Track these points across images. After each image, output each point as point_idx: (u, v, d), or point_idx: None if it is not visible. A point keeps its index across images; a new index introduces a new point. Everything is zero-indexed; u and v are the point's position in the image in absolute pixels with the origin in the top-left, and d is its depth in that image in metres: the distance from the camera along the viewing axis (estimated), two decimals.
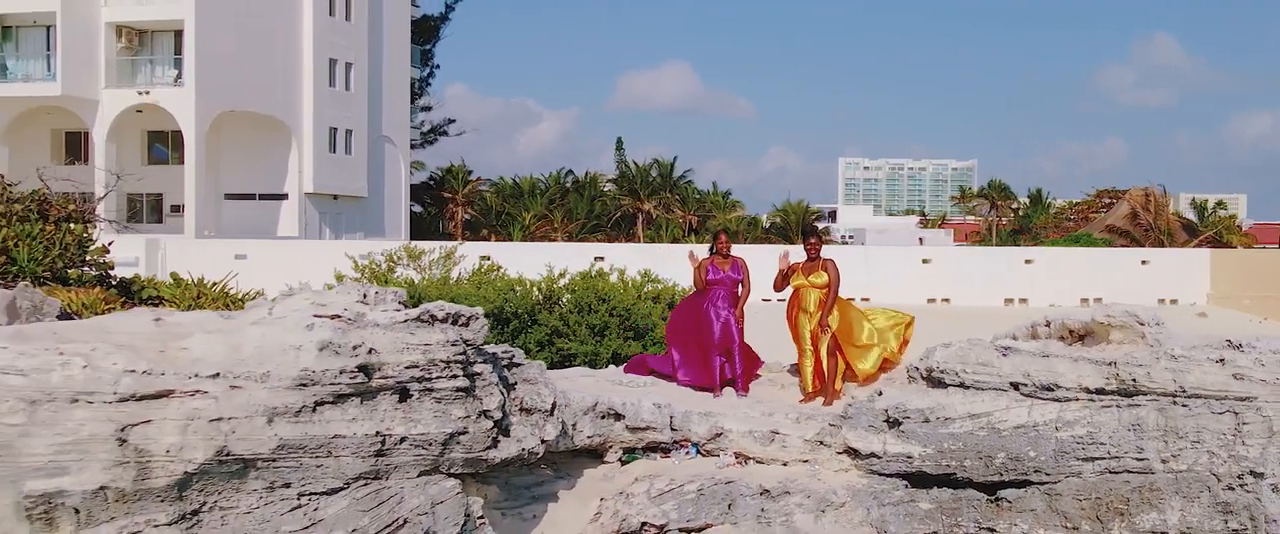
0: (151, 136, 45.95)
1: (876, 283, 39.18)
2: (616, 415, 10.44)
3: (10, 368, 7.87)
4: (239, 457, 7.99)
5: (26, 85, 41.88)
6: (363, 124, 49.08)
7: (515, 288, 19.13)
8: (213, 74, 41.97)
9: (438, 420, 8.53)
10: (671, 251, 41.09)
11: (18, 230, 18.08)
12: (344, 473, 8.29)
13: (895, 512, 9.86)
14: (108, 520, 7.83)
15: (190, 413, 7.93)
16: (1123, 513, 9.67)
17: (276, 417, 8.06)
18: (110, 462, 7.77)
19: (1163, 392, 9.76)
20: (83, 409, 7.83)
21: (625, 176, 77.26)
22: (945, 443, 9.95)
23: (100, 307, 15.89)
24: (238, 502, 8.11)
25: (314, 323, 8.44)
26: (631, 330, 18.16)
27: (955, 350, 10.35)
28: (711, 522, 9.75)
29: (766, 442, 10.42)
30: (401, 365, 8.44)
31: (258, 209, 45.73)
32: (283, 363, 8.19)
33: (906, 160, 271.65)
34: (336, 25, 47.18)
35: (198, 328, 8.75)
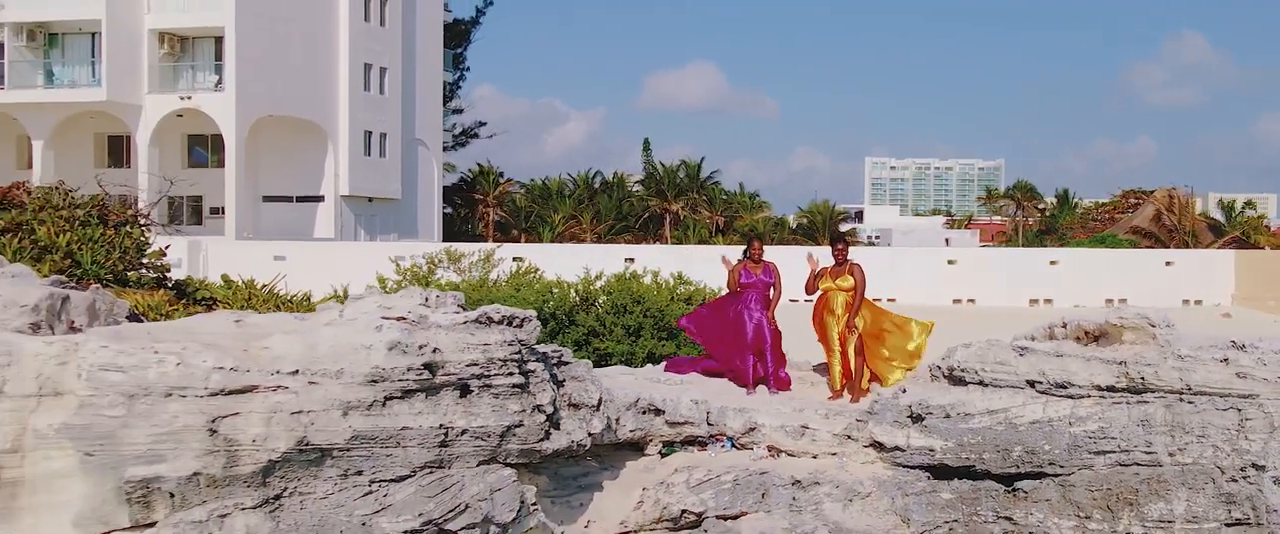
0: (191, 140, 47.04)
1: (902, 284, 39.76)
2: (657, 411, 11.16)
3: (111, 365, 8.68)
4: (316, 446, 8.76)
5: (72, 91, 43.05)
6: (397, 127, 50.04)
7: (553, 290, 19.85)
8: (252, 79, 43.00)
9: (496, 414, 9.28)
10: (699, 253, 41.81)
11: (80, 235, 19.01)
12: (411, 462, 9.04)
13: (918, 501, 10.54)
14: (199, 504, 8.62)
15: (273, 406, 8.71)
16: (1132, 503, 10.31)
17: (350, 410, 8.83)
18: (202, 450, 8.56)
19: (1170, 389, 10.41)
20: (177, 402, 8.62)
21: (653, 177, 77.98)
22: (965, 437, 10.62)
23: (165, 308, 16.77)
24: (315, 487, 8.88)
25: (382, 324, 9.21)
26: (665, 330, 18.82)
27: (975, 350, 11.03)
28: (746, 510, 10.44)
29: (797, 436, 11.12)
30: (463, 363, 9.20)
31: (295, 211, 46.74)
32: (355, 361, 8.96)
33: (933, 160, 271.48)
34: (371, 30, 48.14)
35: (276, 329, 9.55)
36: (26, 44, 43.03)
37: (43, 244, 18.27)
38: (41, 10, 42.50)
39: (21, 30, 42.78)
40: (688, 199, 73.26)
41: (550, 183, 74.97)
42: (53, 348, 9.00)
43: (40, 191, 20.46)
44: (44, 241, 18.33)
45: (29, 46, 43.14)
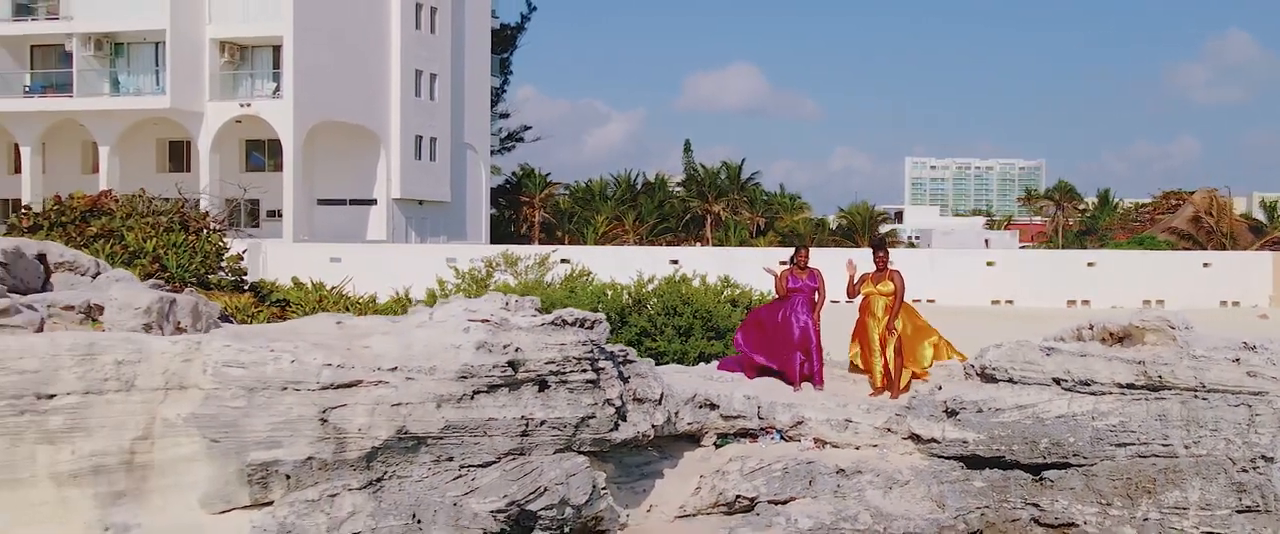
0: (249, 145, 48.59)
1: (941, 285, 40.57)
2: (712, 405, 12.19)
3: (233, 362, 9.83)
4: (413, 435, 9.87)
5: (137, 98, 44.69)
6: (446, 132, 51.37)
7: (606, 292, 20.89)
8: (309, 87, 44.43)
9: (571, 407, 10.35)
10: (743, 254, 42.77)
11: (165, 240, 20.32)
12: (496, 449, 10.12)
13: (952, 488, 11.51)
14: (312, 485, 9.75)
15: (376, 399, 9.83)
16: (1150, 491, 11.22)
17: (443, 403, 9.93)
18: (314, 437, 9.69)
19: (1185, 386, 11.31)
20: (292, 395, 9.76)
21: (694, 179, 78.94)
22: (996, 430, 11.58)
23: (250, 310, 18.04)
24: (412, 471, 9.98)
25: (469, 326, 10.31)
26: (713, 331, 19.79)
27: (1005, 350, 11.99)
28: (795, 495, 11.44)
29: (841, 429, 12.12)
30: (541, 361, 10.28)
31: (348, 214, 48.16)
32: (446, 359, 10.06)
33: (973, 160, 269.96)
34: (422, 38, 49.49)
35: (374, 330, 10.69)
36: (94, 53, 44.70)
37: (132, 249, 19.61)
38: (109, 21, 44.15)
39: (89, 40, 44.45)
40: (728, 200, 74.17)
41: (593, 184, 76.12)
42: (177, 346, 10.15)
43: (126, 199, 21.81)
44: (133, 247, 19.68)
45: (96, 56, 44.81)
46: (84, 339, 10.12)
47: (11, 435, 9.79)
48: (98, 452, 9.77)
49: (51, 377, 9.78)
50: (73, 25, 44.36)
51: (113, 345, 10.06)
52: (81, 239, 19.66)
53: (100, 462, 9.78)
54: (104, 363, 9.91)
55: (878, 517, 11.18)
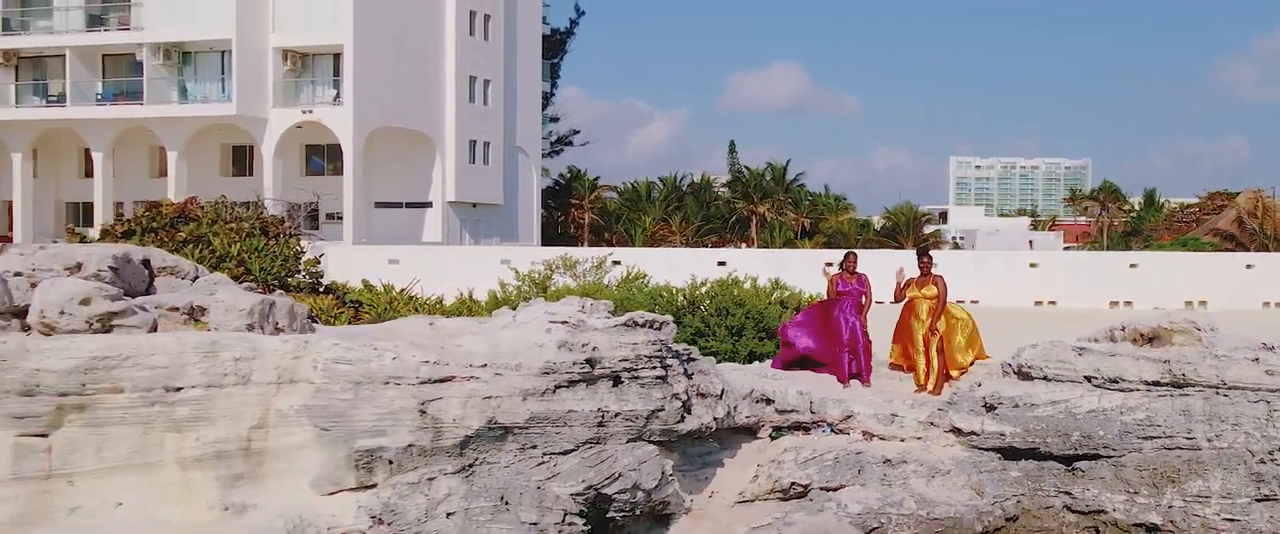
0: (309, 150, 50.11)
1: (985, 286, 41.30)
2: (768, 401, 13.22)
3: (342, 359, 10.98)
4: (502, 425, 10.97)
5: (204, 106, 46.34)
6: (499, 136, 52.69)
7: (662, 294, 21.94)
8: (368, 93, 45.87)
9: (642, 400, 11.43)
10: (787, 257, 43.68)
11: (247, 245, 21.64)
12: (575, 438, 11.21)
13: (990, 477, 12.50)
14: (412, 469, 10.88)
15: (468, 393, 10.93)
16: (1174, 481, 12.16)
17: (528, 396, 11.03)
18: (414, 427, 10.81)
19: (1207, 384, 12.24)
20: (393, 389, 10.89)
21: (739, 180, 79.80)
22: (1031, 424, 12.55)
23: (333, 311, 19.29)
24: (500, 458, 11.09)
25: (551, 327, 11.42)
26: (764, 331, 20.77)
27: (1040, 350, 12.96)
28: (845, 483, 12.46)
29: (887, 422, 13.13)
30: (616, 359, 11.36)
31: (404, 216, 49.57)
32: (531, 357, 11.16)
33: (1018, 159, 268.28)
34: (476, 45, 50.83)
35: (464, 330, 11.82)
36: (163, 62, 46.38)
37: (219, 253, 20.94)
38: (177, 31, 45.81)
39: (159, 50, 46.13)
40: (774, 201, 74.85)
41: (639, 186, 77.15)
42: (288, 344, 11.31)
43: (210, 206, 23.17)
44: (220, 251, 21.00)
45: (165, 65, 46.48)
46: (207, 338, 11.28)
47: (144, 424, 10.98)
48: (219, 439, 10.92)
49: (179, 372, 10.94)
50: (143, 35, 46.08)
51: (231, 344, 11.23)
52: (172, 244, 21.00)
53: (221, 448, 10.92)
54: (224, 359, 11.07)
55: (921, 503, 12.19)
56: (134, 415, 10.86)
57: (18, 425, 10.77)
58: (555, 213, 67.79)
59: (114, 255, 13.48)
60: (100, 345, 10.95)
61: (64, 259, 13.49)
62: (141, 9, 46.14)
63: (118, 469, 10.89)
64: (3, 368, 10.79)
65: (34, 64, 49.21)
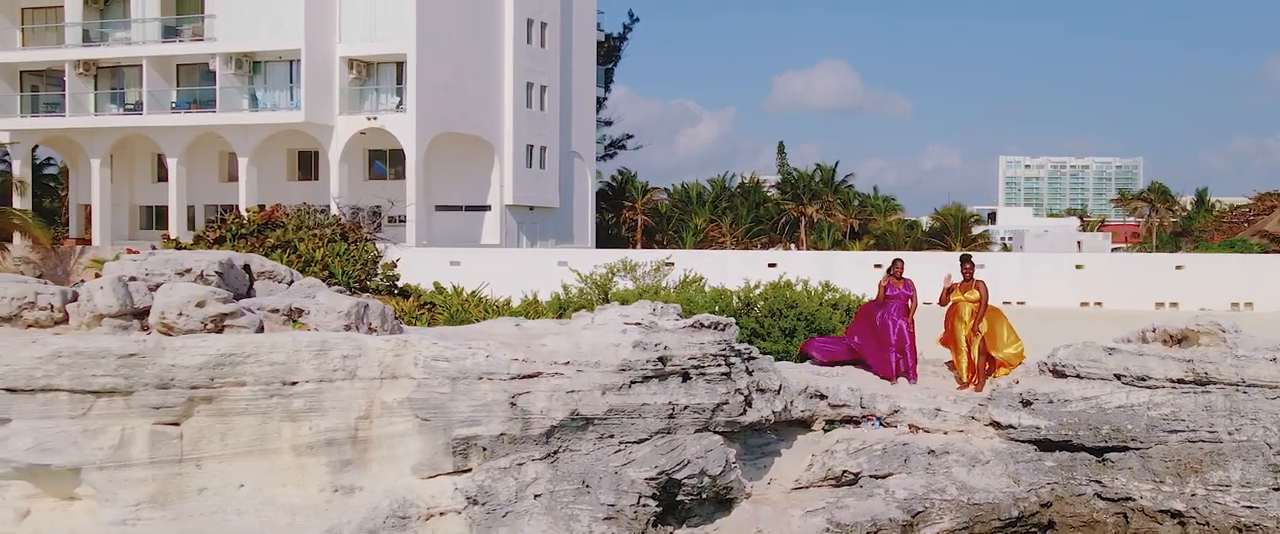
0: (372, 155, 51.72)
1: (1031, 287, 42.04)
2: (821, 396, 14.41)
3: (440, 357, 12.27)
4: (583, 416, 12.22)
5: (273, 113, 48.07)
6: (555, 141, 54.06)
7: (718, 297, 23.11)
8: (430, 100, 47.40)
9: (708, 395, 12.66)
10: (837, 259, 44.57)
11: (330, 250, 23.07)
12: (648, 428, 12.45)
13: (1027, 467, 13.62)
14: (503, 455, 12.16)
15: (553, 387, 12.20)
16: (1197, 471, 13.21)
17: (606, 390, 12.28)
18: (506, 418, 12.09)
19: (1228, 382, 13.29)
20: (486, 383, 12.17)
21: (788, 181, 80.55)
22: (1064, 418, 13.65)
23: (414, 312, 20.65)
24: (581, 446, 12.34)
25: (626, 329, 12.68)
26: (816, 331, 21.88)
27: (1073, 350, 14.06)
28: (892, 471, 13.62)
29: (932, 416, 14.28)
30: (685, 357, 12.60)
31: (464, 219, 51.03)
32: (609, 355, 12.42)
33: (1068, 158, 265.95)
34: (533, 52, 52.24)
35: (547, 331, 13.12)
36: (235, 72, 48.16)
37: (304, 258, 22.36)
38: (248, 42, 47.59)
39: (231, 60, 47.93)
40: (822, 202, 75.40)
41: (689, 188, 78.18)
42: (389, 343, 12.62)
43: (295, 213, 24.66)
44: (305, 256, 22.43)
45: (236, 74, 48.26)
46: (318, 338, 12.61)
47: (263, 414, 12.32)
48: (330, 428, 12.24)
49: (294, 368, 12.27)
50: (216, 46, 47.88)
51: (340, 343, 12.56)
52: (261, 249, 22.47)
53: (331, 436, 12.24)
54: (333, 357, 12.38)
55: (962, 489, 13.34)
56: (255, 406, 12.20)
57: (154, 415, 12.13)
58: (607, 215, 68.97)
59: (220, 261, 14.87)
60: (227, 344, 12.30)
61: (175, 265, 14.89)
62: (215, 21, 47.99)
63: (240, 454, 12.21)
64: (141, 364, 12.14)
65: (112, 74, 51.22)
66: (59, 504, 12.24)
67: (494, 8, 50.46)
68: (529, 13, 51.81)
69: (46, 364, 12.09)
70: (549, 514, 11.96)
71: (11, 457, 12.06)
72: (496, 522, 11.93)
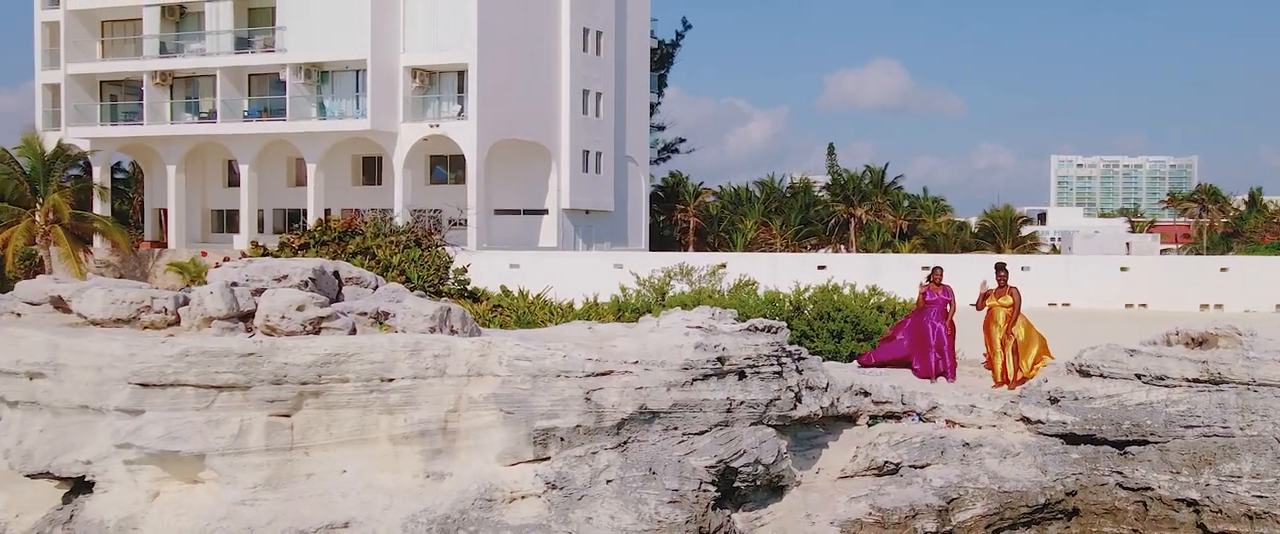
0: (433, 160, 53.56)
1: (1076, 289, 43.03)
2: (865, 393, 15.73)
3: (522, 357, 13.67)
4: (650, 410, 13.59)
5: (340, 122, 50.03)
6: (610, 146, 55.62)
7: (770, 300, 24.40)
8: (490, 108, 49.14)
9: (762, 391, 14.02)
10: (885, 262, 45.73)
11: (405, 256, 24.65)
12: (708, 421, 13.80)
13: (1054, 459, 14.86)
14: (579, 445, 13.54)
15: (624, 384, 13.58)
16: (1211, 462, 14.39)
17: (671, 387, 13.64)
18: (581, 411, 13.47)
19: (1240, 381, 14.46)
20: (564, 380, 13.57)
21: (837, 182, 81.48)
22: (1089, 414, 14.89)
23: (487, 316, 22.17)
24: (648, 437, 13.70)
25: (688, 332, 14.07)
26: (862, 333, 23.09)
27: (1097, 351, 15.30)
28: (930, 462, 14.89)
29: (967, 412, 15.56)
30: (741, 357, 13.97)
31: (522, 223, 52.74)
32: (673, 356, 13.79)
33: (1122, 157, 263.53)
34: (589, 60, 53.85)
35: (617, 334, 14.54)
36: (304, 82, 50.19)
37: (383, 263, 23.96)
38: (317, 53, 49.61)
39: (300, 70, 49.96)
40: (872, 203, 76.22)
41: (740, 190, 79.36)
42: (475, 344, 14.04)
43: (372, 220, 26.30)
44: (383, 261, 24.03)
45: (305, 84, 50.29)
46: (412, 339, 14.04)
47: (363, 408, 13.75)
48: (423, 420, 13.59)
49: (391, 366, 13.66)
50: (286, 57, 49.95)
51: (431, 344, 13.96)
52: (343, 255, 24.09)
53: (424, 427, 13.61)
54: (426, 356, 13.78)
55: (994, 478, 14.63)
56: (356, 400, 13.58)
57: (269, 407, 13.55)
58: (659, 216, 70.33)
59: (313, 268, 16.29)
60: (333, 345, 13.76)
61: (273, 271, 16.38)
62: (285, 33, 50.01)
63: (343, 443, 13.59)
64: (258, 362, 13.62)
65: (187, 84, 53.46)
66: (185, 486, 13.67)
67: (551, 18, 52.10)
68: (585, 22, 53.38)
69: (176, 362, 13.51)
70: (620, 498, 13.26)
71: (145, 444, 13.45)
72: (573, 504, 13.26)
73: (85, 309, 15.83)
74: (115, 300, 15.57)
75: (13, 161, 47.86)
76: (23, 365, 14.47)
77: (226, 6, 50.91)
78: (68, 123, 53.34)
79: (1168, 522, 14.41)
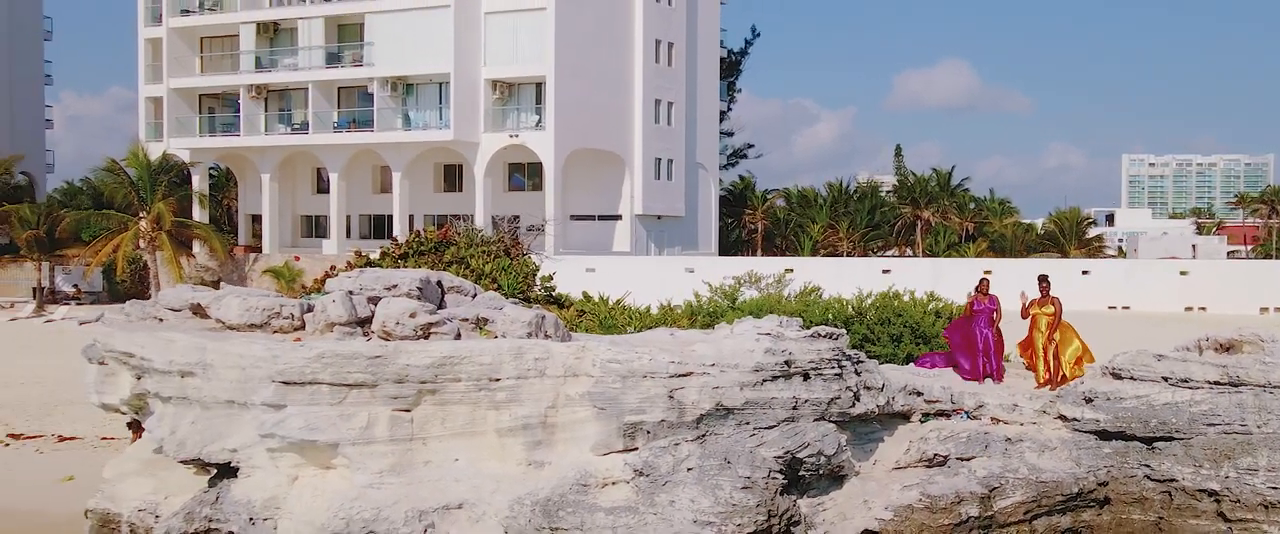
0: (511, 168, 55.83)
1: (1136, 292, 44.19)
2: (918, 393, 17.46)
3: (613, 360, 15.53)
4: (726, 407, 15.39)
5: (424, 132, 52.48)
6: (681, 153, 57.52)
7: (833, 306, 26.10)
8: (567, 118, 51.27)
9: (824, 391, 15.83)
10: (947, 267, 47.13)
11: (497, 265, 26.73)
12: (776, 417, 15.60)
13: (1087, 452, 16.51)
14: (663, 437, 15.38)
15: (702, 384, 15.40)
16: (1230, 457, 15.95)
17: (744, 387, 15.45)
18: (665, 407, 15.30)
19: (1258, 383, 16.01)
20: (649, 380, 15.41)
21: (904, 185, 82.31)
22: (1120, 413, 16.52)
23: (572, 320, 24.13)
24: (723, 430, 15.51)
25: (759, 338, 15.93)
26: (920, 337, 24.66)
27: (1128, 356, 16.92)
28: (975, 455, 16.58)
29: (1010, 410, 17.25)
30: (805, 361, 15.79)
31: (597, 228, 54.78)
32: (745, 359, 15.60)
33: (1195, 156, 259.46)
34: (661, 71, 55.79)
35: (696, 339, 16.43)
36: (390, 94, 52.69)
37: (476, 272, 26.06)
38: (403, 67, 52.08)
39: (387, 83, 52.48)
40: (938, 205, 76.77)
41: (807, 193, 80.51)
42: (570, 348, 15.93)
43: (464, 232, 28.43)
44: (476, 270, 26.13)
45: (391, 96, 52.77)
46: (516, 344, 15.94)
47: (473, 404, 15.63)
48: (525, 415, 15.42)
49: (498, 367, 15.54)
50: (373, 71, 52.49)
51: (532, 348, 15.86)
52: (439, 265, 26.22)
53: (526, 421, 15.42)
54: (527, 359, 15.67)
55: (1032, 470, 16.31)
56: (468, 398, 15.42)
57: (393, 403, 15.45)
58: (728, 220, 71.80)
59: (420, 279, 18.30)
60: (448, 349, 15.73)
61: (384, 281, 18.40)
62: (372, 48, 52.52)
63: (456, 435, 15.44)
64: (384, 364, 15.59)
65: (280, 96, 56.21)
66: (319, 472, 15.59)
67: (625, 31, 54.10)
68: (657, 34, 55.32)
69: (313, 363, 15.50)
70: (699, 484, 15.00)
71: (287, 434, 15.41)
72: (657, 489, 15.05)
73: (223, 315, 18.05)
74: (249, 307, 17.76)
75: (122, 171, 50.79)
76: (175, 365, 16.59)
77: (318, 23, 53.56)
78: (169, 134, 56.35)
79: (1191, 510, 15.96)
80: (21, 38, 68.79)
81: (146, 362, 16.91)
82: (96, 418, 25.99)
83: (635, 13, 54.06)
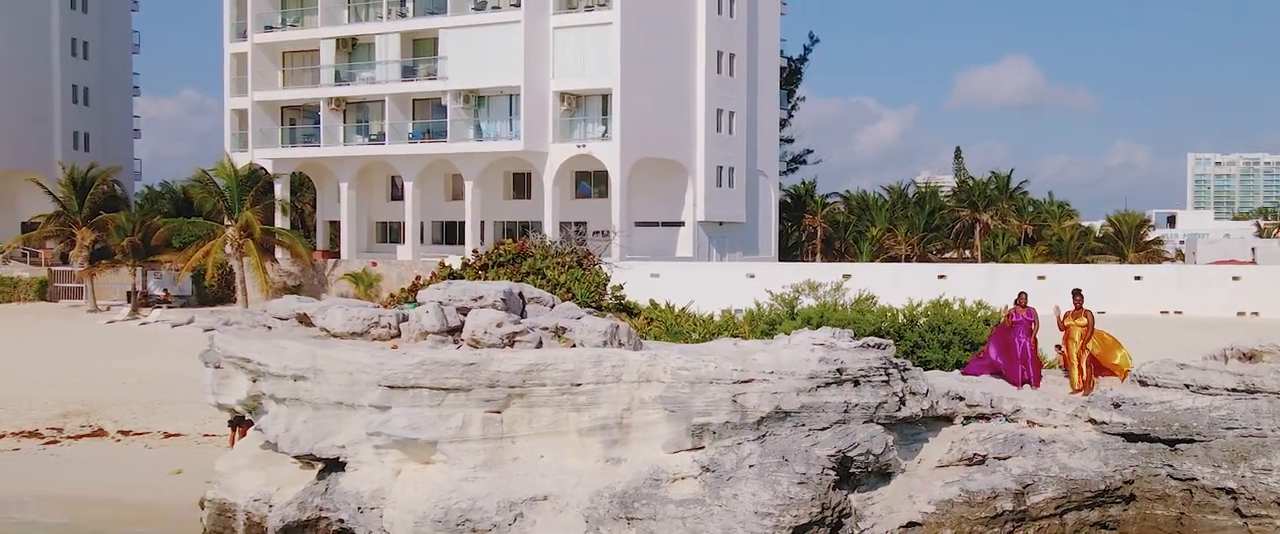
0: (578, 176, 57.79)
1: (1188, 298, 45.09)
2: (960, 398, 19.03)
3: (682, 368, 17.25)
4: (783, 410, 17.07)
5: (496, 143, 54.61)
6: (742, 161, 59.15)
7: (886, 315, 27.58)
8: (632, 129, 53.10)
9: (873, 395, 17.47)
10: (1000, 273, 48.20)
11: (571, 275, 28.55)
12: (829, 419, 17.27)
13: (1114, 453, 18.03)
14: (727, 437, 17.06)
15: (762, 390, 17.09)
16: (1246, 458, 17.36)
17: (800, 392, 17.12)
18: (729, 410, 16.97)
19: (1272, 391, 17.45)
20: (715, 386, 17.12)
21: (964, 187, 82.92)
22: (1145, 416, 18.01)
23: (642, 328, 25.90)
24: (781, 431, 17.19)
25: (813, 349, 17.64)
26: (969, 344, 26.01)
27: (1153, 365, 18.42)
28: (1011, 455, 18.10)
29: (1045, 414, 18.82)
30: (856, 368, 17.46)
31: (660, 234, 56.57)
32: (801, 367, 17.28)
33: (1263, 154, 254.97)
34: (723, 81, 57.48)
35: (756, 349, 18.17)
36: (463, 106, 54.88)
37: (552, 282, 27.90)
38: (475, 79, 54.23)
39: (460, 95, 54.66)
40: (997, 209, 77.09)
41: (866, 196, 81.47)
42: (643, 356, 17.68)
43: (539, 245, 30.30)
44: (552, 280, 27.97)
45: (464, 108, 54.96)
46: (595, 352, 17.70)
47: (556, 406, 17.39)
48: (603, 417, 17.13)
49: (579, 373, 17.28)
50: (447, 84, 54.70)
51: (609, 356, 17.60)
52: (517, 275, 28.08)
53: (604, 422, 17.13)
54: (605, 366, 17.40)
55: (1063, 469, 17.86)
56: (552, 401, 17.13)
57: (485, 405, 17.21)
58: (787, 224, 72.99)
59: (503, 291, 20.05)
60: (535, 357, 17.54)
61: (471, 292, 20.22)
62: (446, 61, 54.73)
63: (541, 435, 17.16)
64: (477, 370, 17.42)
65: (358, 108, 58.63)
66: (420, 467, 17.36)
67: (687, 43, 55.84)
68: (719, 45, 56.99)
69: (415, 369, 17.34)
70: (759, 479, 16.59)
71: (392, 433, 17.24)
72: (722, 484, 16.71)
73: (327, 324, 20.07)
74: (351, 317, 19.77)
75: (211, 181, 53.42)
76: (289, 370, 18.58)
77: (394, 39, 55.87)
78: (254, 145, 58.99)
79: (1209, 507, 17.37)
80: (112, 53, 72.08)
81: (263, 366, 18.91)
82: (198, 416, 28.26)
83: (698, 25, 55.77)
